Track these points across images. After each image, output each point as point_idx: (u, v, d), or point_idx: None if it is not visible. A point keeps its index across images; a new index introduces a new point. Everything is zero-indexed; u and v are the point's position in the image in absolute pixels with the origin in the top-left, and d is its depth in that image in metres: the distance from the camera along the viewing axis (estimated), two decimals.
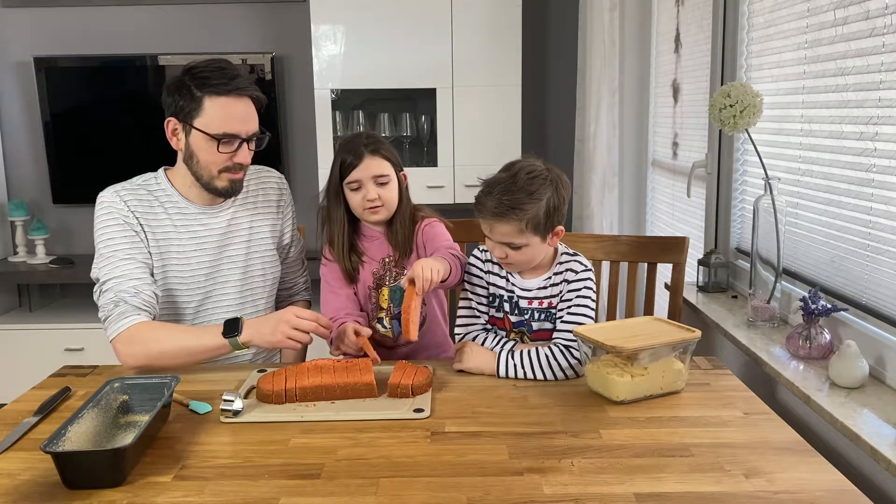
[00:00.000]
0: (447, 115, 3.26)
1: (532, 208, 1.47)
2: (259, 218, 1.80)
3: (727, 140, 2.21)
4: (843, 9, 1.58)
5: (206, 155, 1.63)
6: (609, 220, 3.02)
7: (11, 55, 3.55)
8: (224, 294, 1.74)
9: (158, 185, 1.70)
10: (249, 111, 1.66)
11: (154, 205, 1.68)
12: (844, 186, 1.61)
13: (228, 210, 1.75)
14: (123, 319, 1.55)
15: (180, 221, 1.69)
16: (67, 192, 3.56)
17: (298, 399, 1.39)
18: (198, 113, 1.61)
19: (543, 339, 1.59)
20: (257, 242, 1.79)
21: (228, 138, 1.62)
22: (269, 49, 3.51)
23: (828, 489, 1.07)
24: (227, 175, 1.66)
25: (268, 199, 1.83)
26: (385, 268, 1.81)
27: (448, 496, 1.06)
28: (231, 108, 1.61)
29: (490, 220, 1.50)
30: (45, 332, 3.35)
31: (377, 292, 1.81)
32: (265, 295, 1.82)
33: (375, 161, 1.72)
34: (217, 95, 1.60)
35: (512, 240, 1.50)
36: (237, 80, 1.62)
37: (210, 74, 1.61)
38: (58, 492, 1.08)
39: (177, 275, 1.68)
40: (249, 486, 1.10)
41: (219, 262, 1.73)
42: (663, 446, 1.21)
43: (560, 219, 1.53)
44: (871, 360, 1.45)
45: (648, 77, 3.06)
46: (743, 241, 2.19)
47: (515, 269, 1.59)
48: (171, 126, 1.65)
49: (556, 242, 1.57)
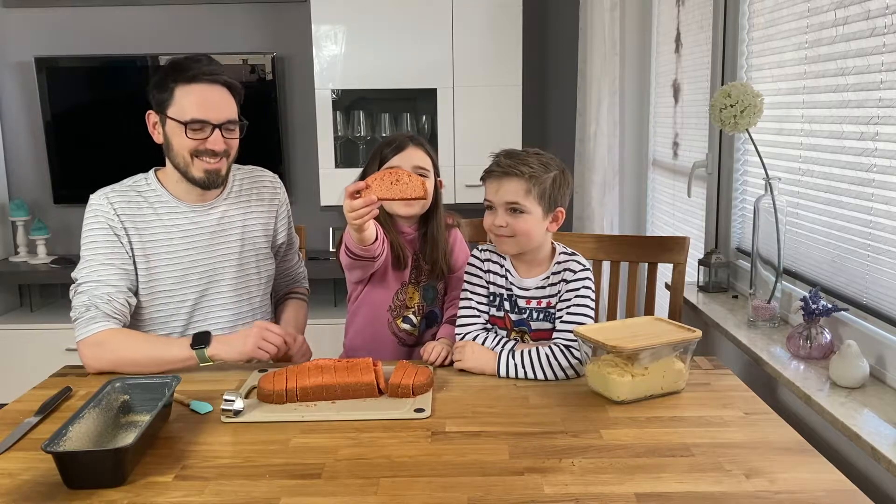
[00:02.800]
0: (448, 115, 3.26)
1: (541, 172, 1.51)
2: (253, 215, 1.80)
3: (728, 140, 2.21)
4: (844, 9, 1.58)
5: (178, 141, 1.63)
6: (609, 220, 3.03)
7: (12, 55, 3.55)
8: (219, 292, 1.75)
9: (148, 185, 1.71)
10: (221, 98, 1.65)
11: (143, 206, 1.69)
12: (845, 186, 1.61)
13: (219, 207, 1.75)
14: (93, 324, 1.58)
15: (170, 220, 1.69)
16: (68, 192, 3.56)
17: (299, 399, 1.39)
18: (170, 102, 1.62)
19: (542, 338, 1.60)
20: (251, 239, 1.79)
21: (198, 123, 1.61)
22: (269, 49, 3.51)
23: (828, 489, 1.07)
24: (201, 163, 1.65)
25: (261, 197, 1.83)
26: (414, 265, 1.80)
27: (449, 496, 1.06)
28: (199, 94, 1.62)
29: (499, 177, 1.53)
30: (46, 332, 3.35)
31: (404, 291, 1.81)
32: (260, 292, 1.82)
33: (418, 153, 1.72)
34: (186, 83, 1.62)
35: (518, 199, 1.51)
36: (207, 68, 1.63)
37: (181, 64, 1.63)
38: (59, 492, 1.08)
39: (170, 274, 1.69)
40: (250, 486, 1.10)
41: (212, 259, 1.73)
42: (664, 446, 1.21)
43: (563, 202, 1.56)
44: (872, 359, 1.45)
45: (649, 77, 3.06)
46: (743, 240, 2.19)
47: (512, 246, 1.57)
48: (152, 120, 1.67)
49: (554, 228, 1.57)
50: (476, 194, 3.27)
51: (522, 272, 1.61)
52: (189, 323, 1.72)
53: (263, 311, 1.85)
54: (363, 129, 3.36)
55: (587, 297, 1.57)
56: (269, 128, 3.52)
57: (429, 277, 1.82)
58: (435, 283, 1.84)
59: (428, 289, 1.82)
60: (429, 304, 1.83)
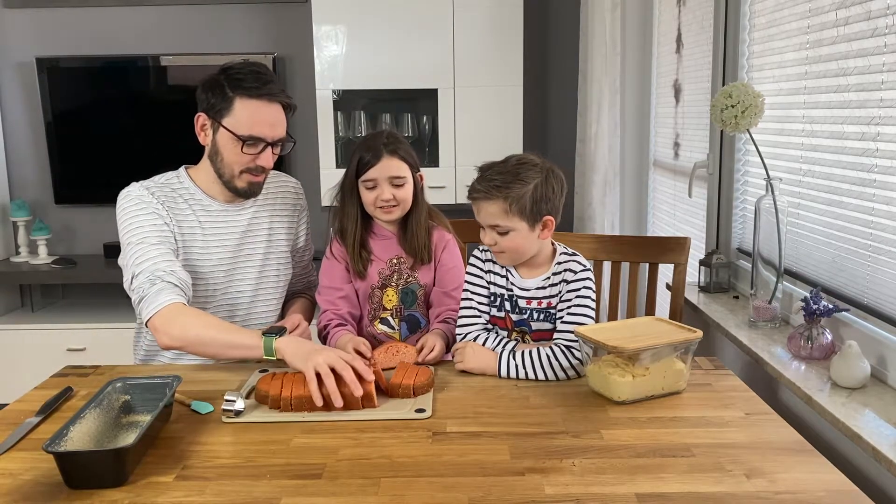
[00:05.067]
0: (448, 116, 3.26)
1: (517, 190, 1.49)
2: (277, 220, 1.83)
3: (728, 140, 2.21)
4: (845, 9, 1.58)
5: (230, 154, 1.66)
6: (610, 221, 3.03)
7: (14, 56, 3.56)
8: (240, 291, 1.77)
9: (181, 183, 1.73)
10: (278, 116, 1.67)
11: (179, 201, 1.71)
12: (846, 187, 1.61)
13: (250, 209, 1.78)
14: (162, 296, 1.54)
15: (204, 217, 1.72)
16: (69, 192, 3.57)
17: (294, 409, 1.35)
18: (228, 112, 1.63)
19: (543, 339, 1.60)
20: (275, 243, 1.82)
21: (254, 140, 1.64)
22: (270, 50, 3.51)
23: (829, 489, 1.07)
24: (248, 176, 1.69)
25: (285, 202, 1.87)
26: (393, 268, 1.81)
27: (449, 496, 1.06)
28: (260, 111, 1.63)
29: (478, 200, 1.53)
30: (47, 333, 3.35)
31: (381, 292, 1.81)
32: (277, 295, 1.85)
33: (393, 162, 1.73)
34: (248, 98, 1.62)
35: (498, 221, 1.51)
36: (270, 86, 1.64)
37: (244, 76, 1.63)
38: (60, 492, 1.08)
39: (197, 269, 1.71)
40: (251, 486, 1.10)
41: (237, 260, 1.76)
42: (664, 446, 1.21)
43: (550, 209, 1.53)
44: (873, 360, 1.45)
45: (650, 77, 3.06)
46: (744, 241, 2.19)
47: (507, 260, 1.59)
48: (201, 121, 1.68)
49: (547, 236, 1.56)
50: None
51: (523, 273, 1.62)
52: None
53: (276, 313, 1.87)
54: (364, 130, 3.36)
55: (588, 297, 1.57)
56: None
57: (408, 280, 1.81)
58: (415, 288, 1.82)
59: (407, 292, 1.82)
60: (408, 308, 1.82)
